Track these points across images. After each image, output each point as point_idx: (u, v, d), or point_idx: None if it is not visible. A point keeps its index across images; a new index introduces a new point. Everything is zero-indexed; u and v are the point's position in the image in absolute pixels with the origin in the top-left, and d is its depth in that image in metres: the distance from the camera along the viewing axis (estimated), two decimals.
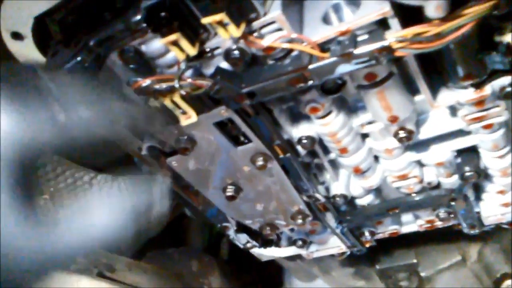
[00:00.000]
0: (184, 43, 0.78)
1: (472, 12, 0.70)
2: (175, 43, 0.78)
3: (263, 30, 0.80)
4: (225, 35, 0.76)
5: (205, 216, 1.30)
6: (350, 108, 1.01)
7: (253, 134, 0.97)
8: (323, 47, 0.80)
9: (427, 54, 0.86)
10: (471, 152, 1.06)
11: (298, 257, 1.54)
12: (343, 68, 0.78)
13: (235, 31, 0.75)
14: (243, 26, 0.76)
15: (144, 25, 0.77)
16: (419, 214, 1.29)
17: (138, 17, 0.78)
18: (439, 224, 1.28)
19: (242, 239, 1.36)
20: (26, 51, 0.97)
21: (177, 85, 0.82)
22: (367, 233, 1.32)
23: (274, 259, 1.66)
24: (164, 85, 0.84)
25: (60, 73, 0.83)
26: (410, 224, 1.34)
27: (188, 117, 0.92)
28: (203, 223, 2.39)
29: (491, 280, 1.58)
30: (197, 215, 1.33)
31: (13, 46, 0.95)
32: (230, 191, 1.11)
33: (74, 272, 1.18)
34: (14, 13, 0.90)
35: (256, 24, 0.78)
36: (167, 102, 0.88)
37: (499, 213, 1.20)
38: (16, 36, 0.95)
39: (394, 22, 0.75)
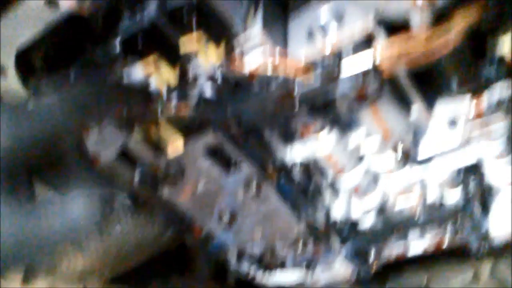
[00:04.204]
0: (164, 67, 0.76)
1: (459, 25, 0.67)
2: (155, 67, 0.76)
3: (245, 47, 0.77)
4: (204, 58, 0.74)
5: (204, 247, 1.26)
6: (344, 124, 0.97)
7: (244, 159, 0.94)
8: (309, 66, 0.77)
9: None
10: (474, 168, 1.02)
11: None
12: (330, 92, 0.75)
13: (215, 54, 0.73)
14: (222, 46, 0.74)
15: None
16: (425, 236, 1.24)
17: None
18: (446, 244, 1.22)
19: (244, 267, 1.32)
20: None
21: (160, 114, 0.80)
22: (372, 256, 1.27)
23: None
24: (148, 113, 0.82)
25: None
26: (417, 246, 1.28)
27: (176, 146, 0.89)
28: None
29: None
30: (197, 244, 1.29)
31: None
32: (226, 218, 1.08)
33: None
34: None
35: (237, 42, 0.76)
36: (152, 130, 0.86)
37: (509, 227, 1.15)
38: None
39: (379, 33, 0.73)
